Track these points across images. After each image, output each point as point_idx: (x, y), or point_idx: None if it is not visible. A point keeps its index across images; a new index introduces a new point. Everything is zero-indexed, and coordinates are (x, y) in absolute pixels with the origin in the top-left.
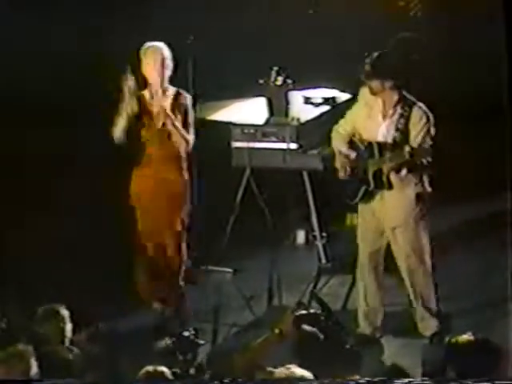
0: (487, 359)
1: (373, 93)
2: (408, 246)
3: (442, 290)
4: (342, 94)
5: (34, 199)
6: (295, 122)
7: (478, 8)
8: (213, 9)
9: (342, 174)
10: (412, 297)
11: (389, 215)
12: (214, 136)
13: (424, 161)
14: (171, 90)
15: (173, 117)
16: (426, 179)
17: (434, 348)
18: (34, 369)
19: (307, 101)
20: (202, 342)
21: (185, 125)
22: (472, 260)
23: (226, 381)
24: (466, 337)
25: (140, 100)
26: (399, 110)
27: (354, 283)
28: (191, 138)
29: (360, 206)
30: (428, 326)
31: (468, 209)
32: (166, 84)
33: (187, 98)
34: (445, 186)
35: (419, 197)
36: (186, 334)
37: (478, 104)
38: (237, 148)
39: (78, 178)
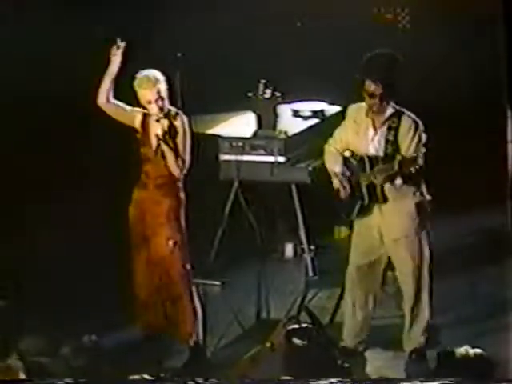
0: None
1: (368, 93)
2: (409, 258)
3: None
4: (331, 106)
5: (34, 213)
6: (283, 135)
7: (477, 8)
8: (200, 22)
9: (342, 195)
10: (407, 310)
11: (390, 227)
12: (202, 149)
13: (413, 170)
14: (169, 113)
15: (167, 141)
16: (424, 187)
17: (414, 363)
18: None
19: (296, 114)
20: None
21: (182, 146)
22: (464, 273)
23: (212, 380)
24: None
25: (145, 117)
26: (388, 122)
27: (342, 296)
28: (187, 158)
29: (357, 221)
30: (411, 341)
31: (461, 221)
32: (164, 108)
33: (184, 120)
34: (437, 197)
35: (419, 206)
36: None
37: (476, 110)
38: (225, 161)
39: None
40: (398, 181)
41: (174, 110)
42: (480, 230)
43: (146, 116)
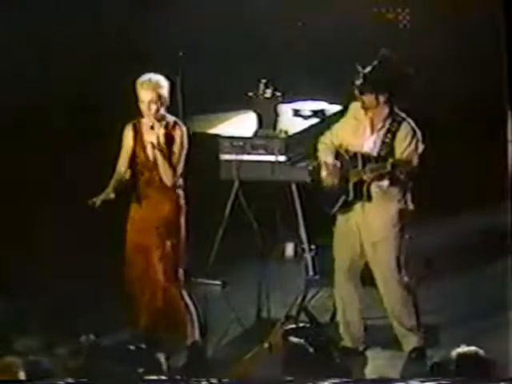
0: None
1: (365, 107)
2: (386, 262)
3: (433, 303)
4: (331, 106)
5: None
6: (283, 135)
7: (477, 8)
8: (201, 22)
9: (329, 181)
10: (389, 312)
11: (369, 229)
12: (202, 149)
13: (402, 176)
14: (166, 121)
15: (162, 149)
16: (409, 196)
17: (413, 363)
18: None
19: (296, 113)
20: None
21: (176, 156)
22: (464, 272)
23: (225, 380)
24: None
25: (136, 129)
26: (387, 125)
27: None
28: (179, 169)
29: (338, 217)
30: (408, 341)
31: (461, 221)
32: (161, 114)
33: (182, 130)
34: (433, 199)
35: (401, 213)
36: None
37: (476, 110)
38: (225, 161)
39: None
40: (385, 182)
41: (172, 118)
42: (480, 229)
43: (135, 127)
